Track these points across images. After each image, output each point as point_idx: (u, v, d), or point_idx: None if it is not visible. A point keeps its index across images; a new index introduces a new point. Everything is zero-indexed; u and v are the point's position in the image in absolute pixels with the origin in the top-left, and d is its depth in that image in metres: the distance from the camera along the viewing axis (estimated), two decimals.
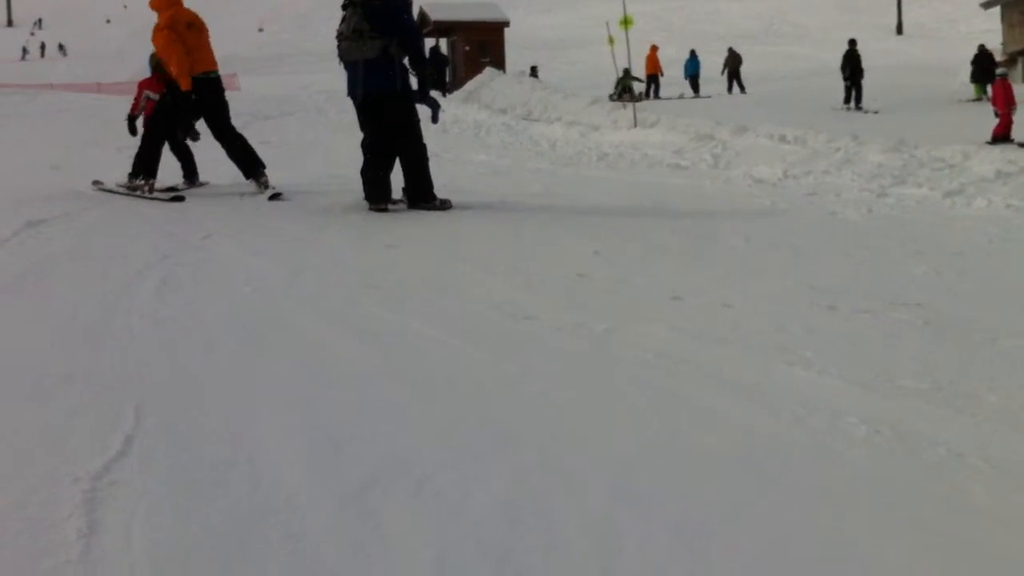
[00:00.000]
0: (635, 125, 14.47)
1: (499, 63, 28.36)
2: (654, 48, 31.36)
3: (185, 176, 9.01)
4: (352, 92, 7.41)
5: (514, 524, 2.25)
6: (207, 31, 8.23)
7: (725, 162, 11.20)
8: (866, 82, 24.89)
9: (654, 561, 2.10)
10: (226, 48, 47.51)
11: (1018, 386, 3.33)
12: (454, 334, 3.79)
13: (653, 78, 30.69)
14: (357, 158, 7.63)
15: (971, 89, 24.34)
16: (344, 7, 7.40)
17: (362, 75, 7.23)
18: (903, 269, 5.54)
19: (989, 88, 23.61)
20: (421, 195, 7.39)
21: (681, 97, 29.25)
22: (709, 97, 28.49)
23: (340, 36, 7.41)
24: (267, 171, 8.16)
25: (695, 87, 31.38)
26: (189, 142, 9.02)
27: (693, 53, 32.23)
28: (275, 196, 7.78)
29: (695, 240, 6.36)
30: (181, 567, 2.05)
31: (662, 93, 30.28)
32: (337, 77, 9.37)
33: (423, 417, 2.91)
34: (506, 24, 33.11)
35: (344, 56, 7.35)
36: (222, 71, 8.38)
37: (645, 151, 12.43)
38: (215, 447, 2.66)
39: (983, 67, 24.39)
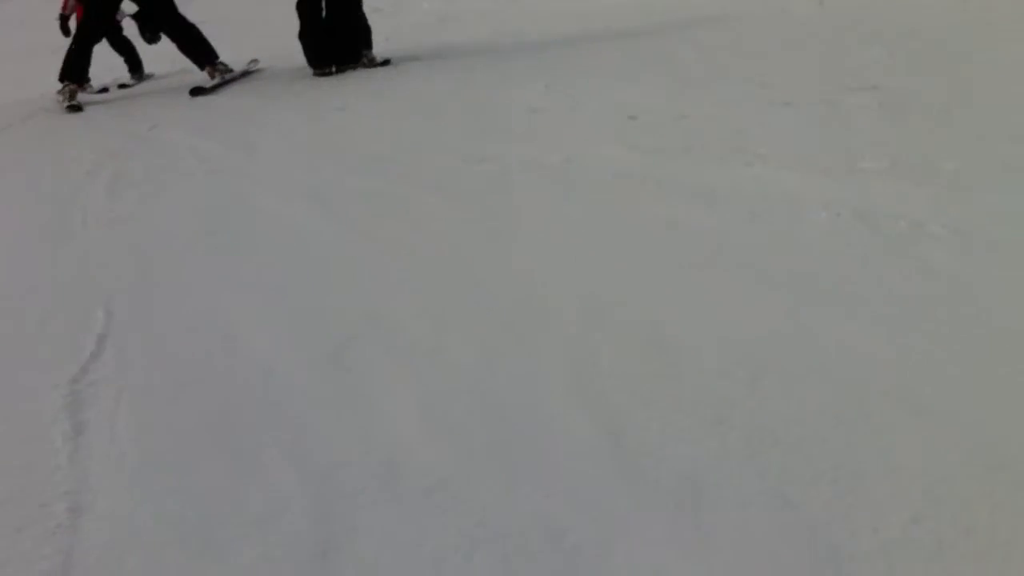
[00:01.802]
0: None
1: None
2: None
3: (131, 71, 8.74)
4: None
5: (493, 369, 2.27)
6: None
7: None
8: None
9: (629, 373, 2.14)
10: None
11: (973, 153, 3.34)
12: (418, 187, 3.76)
13: None
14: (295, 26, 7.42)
15: None
16: None
17: None
18: (857, 56, 5.48)
19: None
20: (356, 51, 7.21)
21: None
22: None
23: None
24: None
25: None
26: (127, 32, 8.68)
27: None
28: (246, 73, 7.63)
29: (647, 58, 6.26)
30: (170, 451, 2.08)
31: None
32: None
33: (395, 274, 2.91)
34: None
35: None
36: None
37: None
38: (189, 334, 2.67)
39: None
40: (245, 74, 7.64)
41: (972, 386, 1.89)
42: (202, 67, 7.62)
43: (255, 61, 7.96)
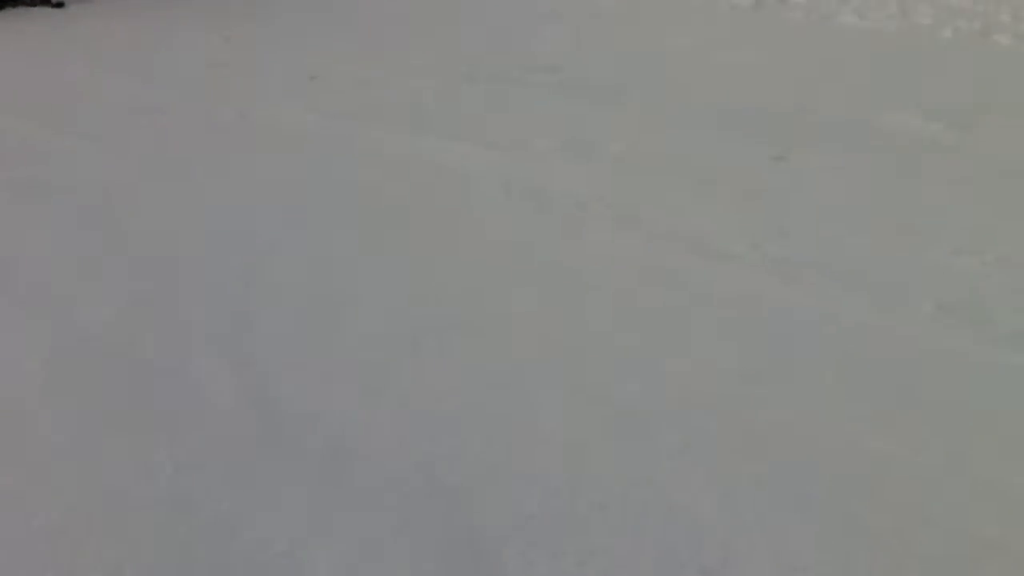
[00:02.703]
0: None
1: None
2: None
3: None
4: None
5: (136, 326, 2.11)
6: None
7: None
8: None
9: (284, 334, 2.05)
10: None
11: (638, 137, 3.50)
12: (74, 136, 3.47)
13: None
14: None
15: None
16: None
17: None
18: (542, 35, 5.61)
19: None
20: None
21: None
22: None
23: None
24: None
25: None
26: None
27: None
28: None
29: (332, 18, 6.10)
30: None
31: None
32: None
33: (38, 223, 2.64)
34: None
35: None
36: None
37: None
38: None
39: None
40: None
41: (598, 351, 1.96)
42: None
43: None
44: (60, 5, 6.41)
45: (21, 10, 6.32)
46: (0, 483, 1.60)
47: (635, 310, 2.19)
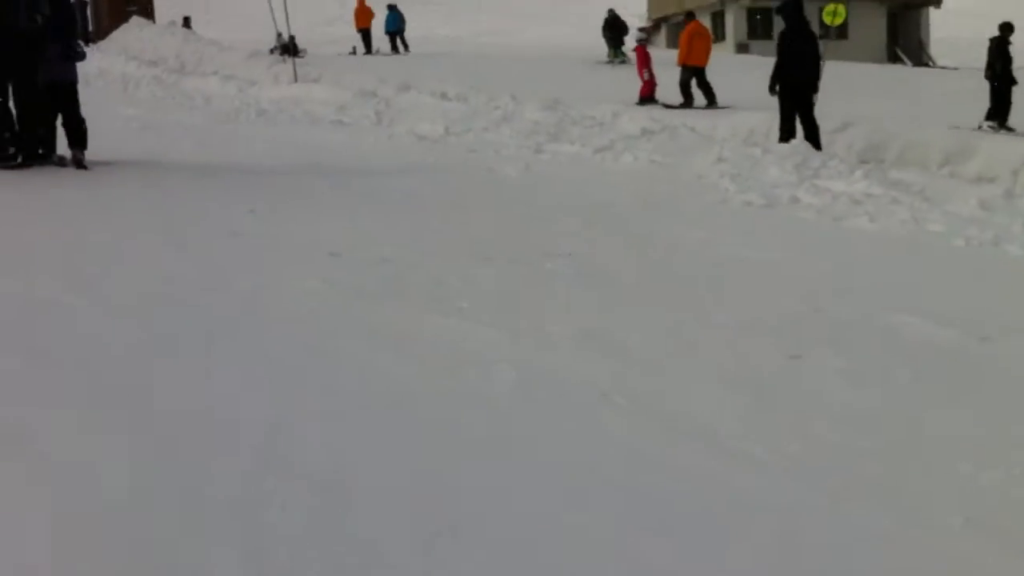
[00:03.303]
0: (296, 80, 14.10)
1: (147, 12, 26.64)
2: (361, 1, 30.55)
3: None
4: None
5: (146, 501, 2.06)
6: None
7: (388, 119, 11.16)
8: (521, 41, 25.70)
9: (293, 527, 1.99)
10: None
11: (657, 328, 3.52)
12: (91, 299, 3.47)
13: (366, 32, 29.95)
14: None
15: (609, 52, 25.68)
16: None
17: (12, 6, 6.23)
18: (556, 221, 5.74)
19: (624, 51, 25.07)
20: (52, 145, 6.56)
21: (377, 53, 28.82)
22: (407, 52, 28.49)
23: None
24: None
25: (394, 44, 30.82)
26: None
27: (393, 7, 31.53)
28: None
29: (356, 196, 6.27)
30: None
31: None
32: None
33: (46, 392, 2.62)
34: None
35: None
36: None
37: (307, 107, 12.14)
38: None
39: (614, 32, 25.82)
40: None
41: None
42: None
43: None
44: (84, 167, 6.53)
45: (48, 169, 6.44)
46: None
47: (655, 512, 2.14)
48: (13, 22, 6.31)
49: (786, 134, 9.99)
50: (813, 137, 9.96)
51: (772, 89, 10.24)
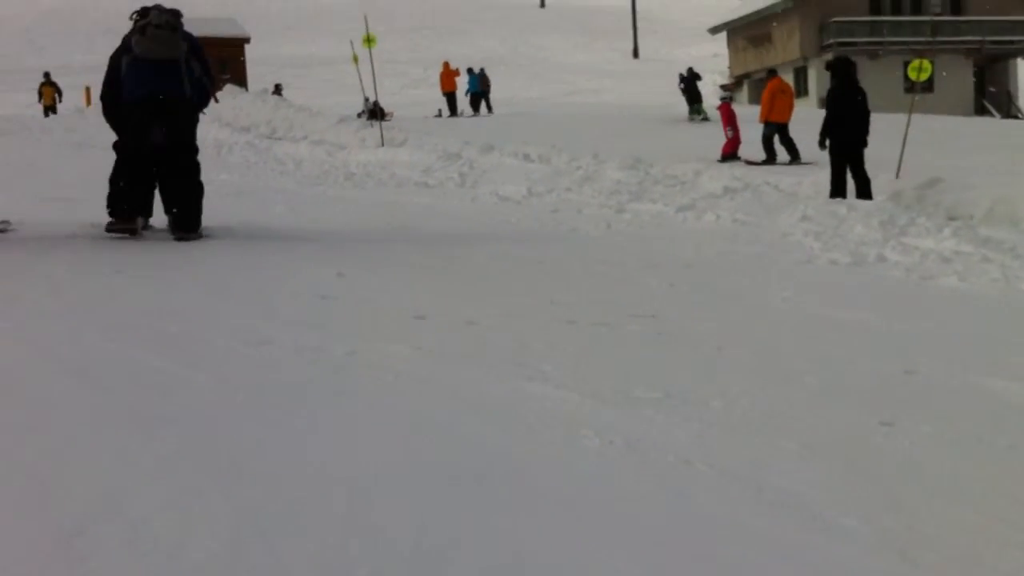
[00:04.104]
0: (383, 144, 14.41)
1: (240, 80, 27.57)
2: (446, 65, 31.38)
3: None
4: (143, 92, 6.47)
5: (238, 565, 2.11)
6: None
7: (472, 180, 11.34)
8: (601, 100, 25.91)
9: None
10: None
11: (740, 393, 3.49)
12: (182, 363, 3.57)
13: (451, 95, 30.68)
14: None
15: (691, 109, 25.73)
16: (141, 13, 6.60)
17: (154, 74, 6.44)
18: (639, 282, 5.74)
19: (704, 108, 25.11)
20: (191, 222, 6.57)
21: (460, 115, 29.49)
22: (490, 114, 29.11)
23: (145, 27, 6.46)
24: None
25: (477, 106, 31.48)
26: None
27: (472, 71, 32.32)
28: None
29: (440, 259, 6.36)
30: None
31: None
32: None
33: (141, 455, 2.70)
34: (246, 40, 32.34)
35: (149, 48, 6.41)
36: None
37: (393, 170, 12.40)
38: None
39: (693, 90, 25.90)
40: None
41: None
42: None
43: (5, 222, 6.69)
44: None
45: (150, 234, 6.67)
46: None
47: None
48: (178, 91, 6.56)
49: (837, 190, 10.29)
50: (865, 192, 10.26)
51: (822, 145, 10.75)
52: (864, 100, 10.70)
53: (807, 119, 15.93)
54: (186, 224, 6.54)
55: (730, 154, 16.46)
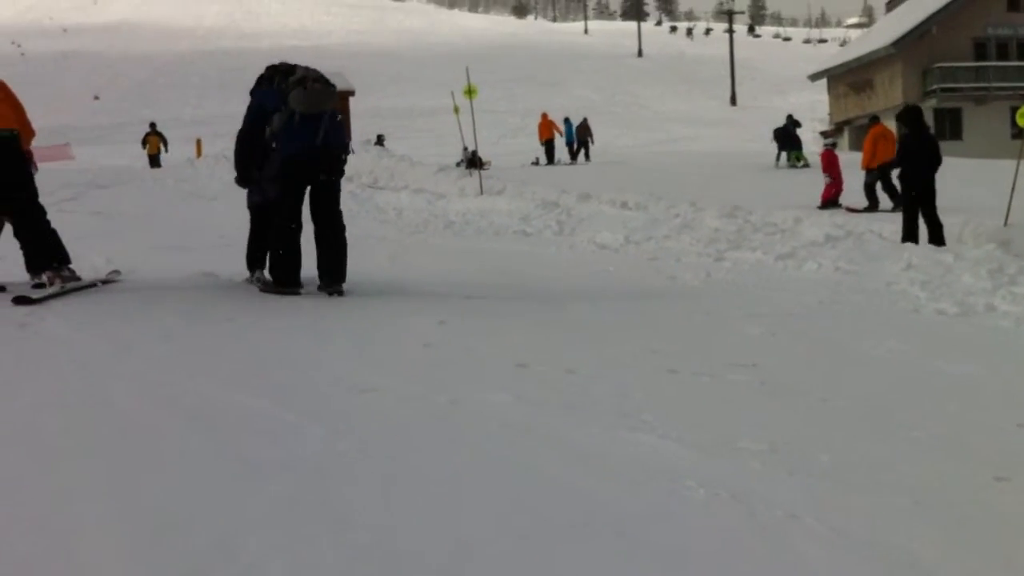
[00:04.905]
0: (481, 193, 14.60)
1: (345, 132, 28.20)
2: (545, 115, 31.92)
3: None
4: (306, 145, 6.35)
5: None
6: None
7: (570, 228, 11.39)
8: (698, 148, 25.80)
9: None
10: (59, 117, 45.69)
11: (847, 445, 3.43)
12: (290, 409, 3.66)
13: (549, 143, 31.16)
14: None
15: (791, 156, 25.47)
16: (278, 70, 6.60)
17: (324, 126, 6.37)
18: (739, 331, 5.69)
19: (804, 155, 24.83)
20: (341, 276, 6.48)
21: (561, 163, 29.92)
22: (587, 162, 29.47)
23: (304, 80, 6.41)
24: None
25: (573, 154, 31.91)
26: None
27: (568, 120, 32.78)
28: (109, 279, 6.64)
29: (540, 307, 6.40)
30: None
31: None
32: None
33: (252, 501, 2.77)
34: (351, 93, 33.12)
35: (312, 101, 6.35)
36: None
37: (492, 218, 12.53)
38: (30, 538, 2.47)
39: (791, 137, 25.65)
40: (94, 285, 6.42)
41: None
42: (40, 271, 6.25)
43: (116, 272, 6.82)
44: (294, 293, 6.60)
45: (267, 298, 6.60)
46: None
47: None
48: (340, 142, 6.63)
49: (909, 234, 10.73)
50: (937, 237, 10.56)
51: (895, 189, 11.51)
52: (936, 146, 11.29)
53: None
54: (340, 277, 6.46)
55: (830, 201, 16.24)
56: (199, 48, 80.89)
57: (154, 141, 29.26)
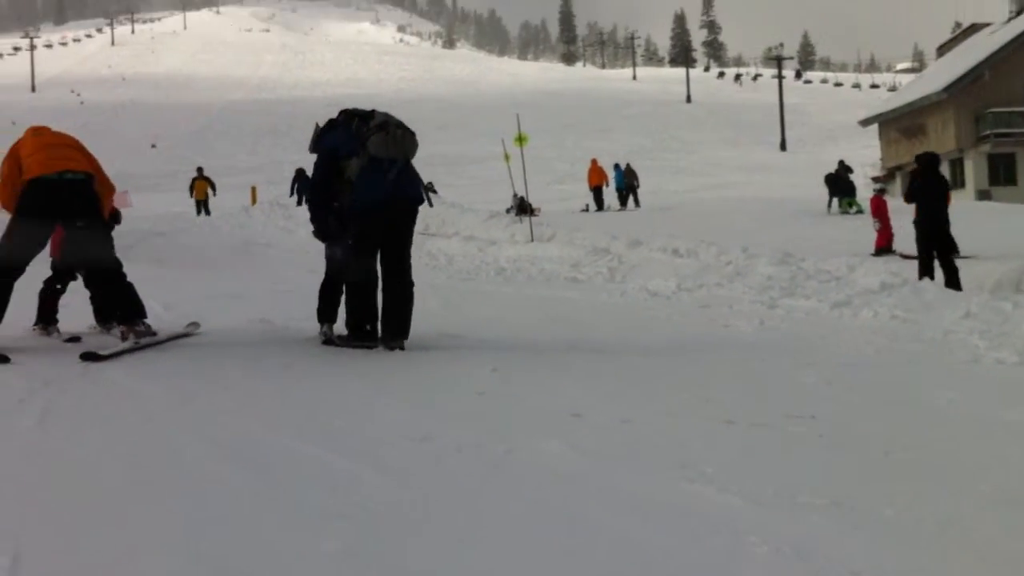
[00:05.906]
0: (532, 239, 14.65)
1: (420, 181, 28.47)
2: (594, 161, 32.16)
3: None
4: (385, 194, 6.23)
5: None
6: (61, 135, 6.19)
7: (621, 275, 11.39)
8: (748, 194, 25.69)
9: None
10: (117, 164, 46.67)
11: (911, 499, 3.37)
12: (349, 457, 3.68)
13: (598, 189, 31.34)
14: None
15: (842, 202, 25.31)
16: (355, 114, 6.41)
17: (397, 175, 6.25)
18: (795, 381, 5.63)
19: (857, 201, 24.66)
20: (404, 331, 6.31)
21: (612, 208, 30.09)
22: (637, 208, 29.62)
23: (386, 124, 6.24)
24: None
25: (623, 200, 32.06)
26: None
27: (618, 166, 32.96)
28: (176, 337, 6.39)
29: (592, 355, 6.39)
30: None
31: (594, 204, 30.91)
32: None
33: (311, 552, 2.78)
34: None
35: (394, 148, 6.23)
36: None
37: (542, 265, 12.56)
38: None
39: (843, 182, 25.51)
40: (172, 339, 6.28)
41: None
42: (109, 323, 6.26)
43: (194, 324, 6.72)
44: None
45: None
46: None
47: None
48: (417, 193, 6.53)
49: (925, 270, 11.62)
50: (953, 281, 11.11)
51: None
52: (947, 188, 12.57)
53: (964, 211, 15.46)
54: (404, 333, 6.29)
55: (884, 247, 16.08)
56: (253, 97, 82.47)
57: (201, 186, 29.04)
